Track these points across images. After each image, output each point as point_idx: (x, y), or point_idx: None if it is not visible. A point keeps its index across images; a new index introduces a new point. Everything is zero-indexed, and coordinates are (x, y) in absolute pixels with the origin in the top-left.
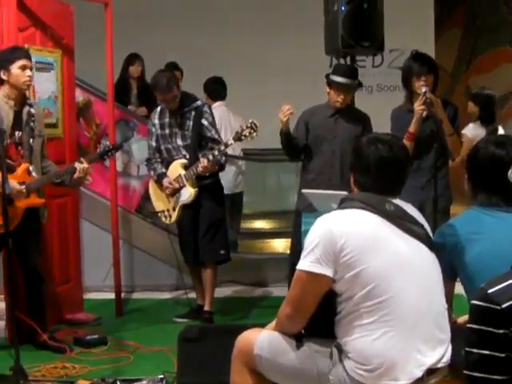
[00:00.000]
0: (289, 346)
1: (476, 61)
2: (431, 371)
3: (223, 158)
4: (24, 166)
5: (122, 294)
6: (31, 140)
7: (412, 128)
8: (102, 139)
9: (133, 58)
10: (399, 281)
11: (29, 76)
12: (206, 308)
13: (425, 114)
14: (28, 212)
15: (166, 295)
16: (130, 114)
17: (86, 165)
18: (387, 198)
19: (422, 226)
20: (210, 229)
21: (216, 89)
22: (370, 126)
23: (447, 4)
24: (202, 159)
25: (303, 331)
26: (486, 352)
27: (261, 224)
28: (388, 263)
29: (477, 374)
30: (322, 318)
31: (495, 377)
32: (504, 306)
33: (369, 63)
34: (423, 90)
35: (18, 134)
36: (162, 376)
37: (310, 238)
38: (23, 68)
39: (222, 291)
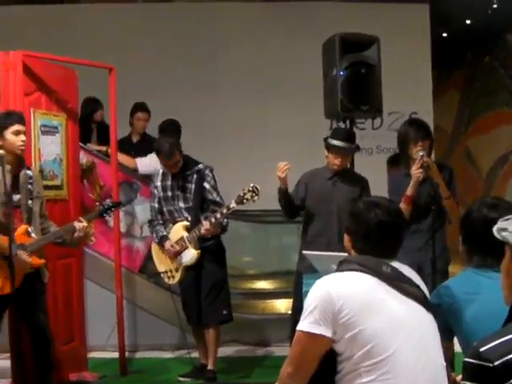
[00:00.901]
0: None
1: (475, 122)
2: None
3: (225, 220)
4: (23, 227)
5: (126, 353)
6: (30, 202)
7: (409, 191)
8: (105, 200)
9: (96, 105)
10: (396, 340)
11: (22, 141)
12: (210, 367)
13: (422, 177)
14: (29, 273)
15: (169, 354)
16: (133, 176)
17: (85, 223)
18: (384, 261)
19: (418, 287)
20: (212, 290)
21: (169, 131)
22: (368, 189)
23: (446, 66)
24: (204, 222)
25: None
26: None
27: (263, 284)
28: (385, 323)
29: None
30: (323, 377)
31: None
32: (496, 363)
33: (368, 125)
34: (420, 154)
35: (15, 196)
36: None
37: (309, 299)
38: (17, 133)
39: (225, 351)
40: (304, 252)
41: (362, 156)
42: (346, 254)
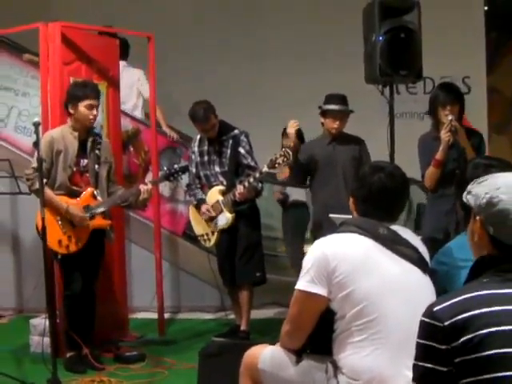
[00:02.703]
0: (289, 361)
1: None
2: None
3: (259, 184)
4: (89, 190)
5: (168, 315)
6: (96, 166)
7: (439, 155)
8: (149, 166)
9: None
10: (388, 301)
11: (94, 115)
12: (243, 328)
13: (450, 141)
14: (94, 233)
15: (210, 316)
16: (176, 142)
17: (150, 186)
18: (382, 223)
19: (416, 250)
20: (246, 252)
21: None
22: (366, 148)
23: (505, 30)
24: (238, 186)
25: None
26: (430, 366)
27: None
28: (378, 284)
29: None
30: (321, 335)
31: None
32: (446, 323)
33: (420, 90)
34: (449, 118)
35: (83, 161)
36: None
37: (306, 259)
38: (90, 107)
39: (264, 313)
40: (331, 215)
41: (413, 120)
42: None
